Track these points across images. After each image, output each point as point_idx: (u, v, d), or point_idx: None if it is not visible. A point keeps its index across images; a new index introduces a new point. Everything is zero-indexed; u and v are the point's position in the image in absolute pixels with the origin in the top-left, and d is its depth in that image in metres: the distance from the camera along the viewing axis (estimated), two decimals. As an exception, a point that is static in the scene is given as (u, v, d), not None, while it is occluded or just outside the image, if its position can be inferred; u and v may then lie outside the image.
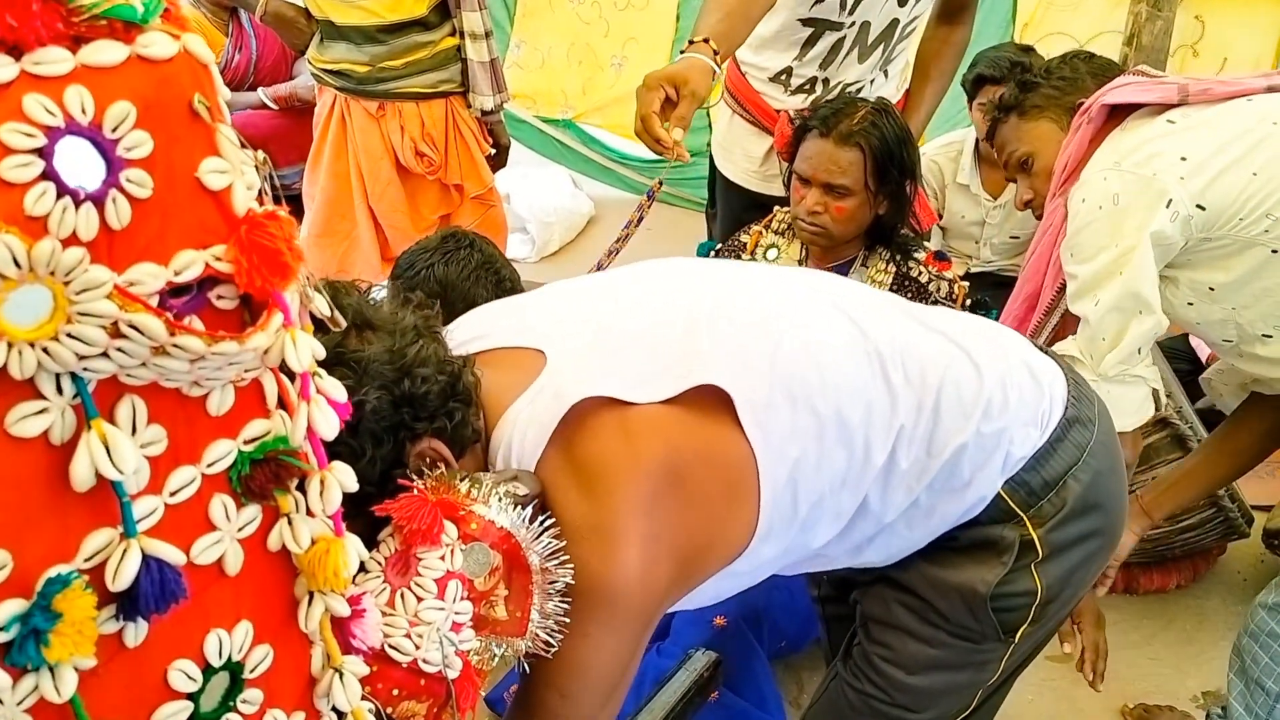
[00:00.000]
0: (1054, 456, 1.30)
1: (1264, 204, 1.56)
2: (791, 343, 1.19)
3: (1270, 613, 1.64)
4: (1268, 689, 1.65)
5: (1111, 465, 1.36)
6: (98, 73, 0.60)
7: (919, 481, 1.24)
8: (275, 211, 0.69)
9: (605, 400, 1.08)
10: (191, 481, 0.70)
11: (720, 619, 2.14)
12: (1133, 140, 1.67)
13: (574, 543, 1.03)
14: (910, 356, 1.25)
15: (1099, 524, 1.34)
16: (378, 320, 1.03)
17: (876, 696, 1.41)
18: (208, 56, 0.66)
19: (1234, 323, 1.67)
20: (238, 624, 0.75)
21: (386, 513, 0.96)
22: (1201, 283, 1.64)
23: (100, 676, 0.67)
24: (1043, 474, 1.29)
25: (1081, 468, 1.31)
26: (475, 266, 2.01)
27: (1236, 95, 1.66)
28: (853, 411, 1.19)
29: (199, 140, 0.65)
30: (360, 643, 0.84)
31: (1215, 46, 4.08)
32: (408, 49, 2.76)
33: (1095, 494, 1.32)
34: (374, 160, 2.87)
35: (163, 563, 0.66)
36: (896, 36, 2.40)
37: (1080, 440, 1.32)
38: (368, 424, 0.97)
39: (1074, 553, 1.33)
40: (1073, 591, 1.37)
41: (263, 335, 0.67)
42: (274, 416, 0.74)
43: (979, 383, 1.26)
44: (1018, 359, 1.34)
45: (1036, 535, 1.29)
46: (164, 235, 0.64)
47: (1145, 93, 1.69)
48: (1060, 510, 1.30)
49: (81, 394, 0.62)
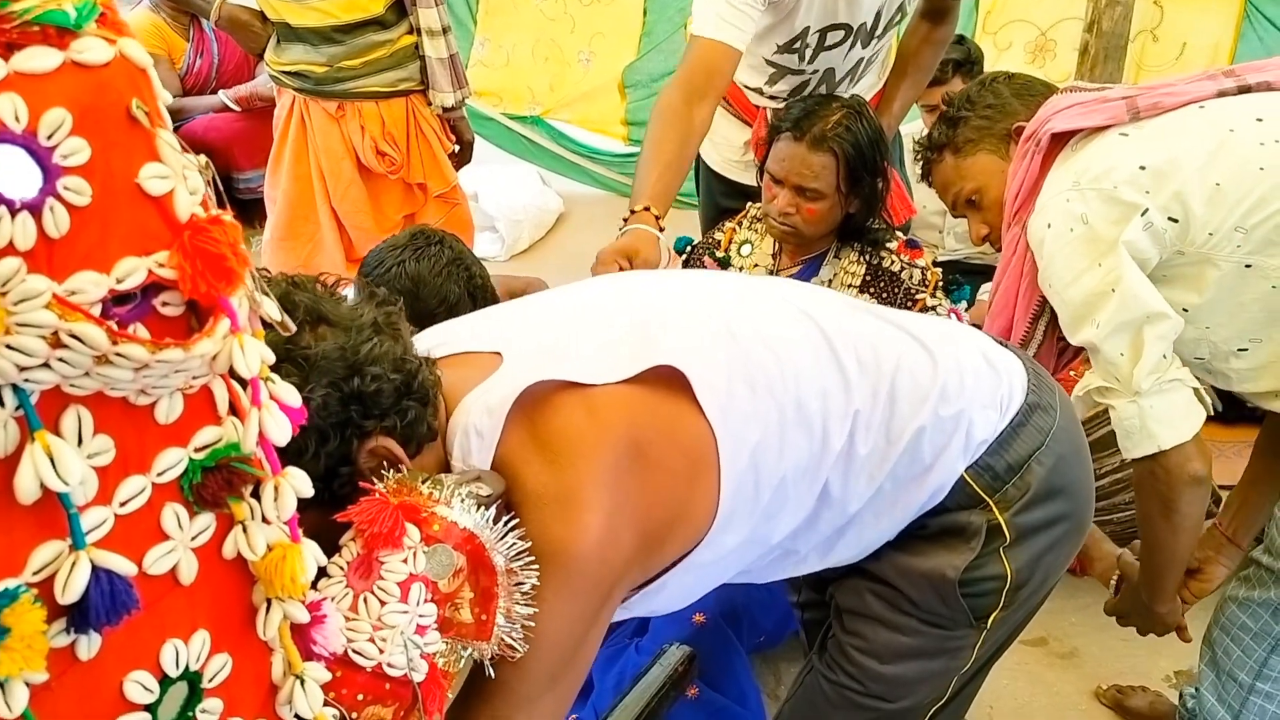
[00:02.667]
0: (1016, 440, 1.31)
1: (1232, 214, 1.50)
2: (747, 333, 1.22)
3: (1241, 606, 1.65)
4: (1240, 680, 1.65)
5: (1074, 450, 1.38)
6: (31, 79, 0.59)
7: (881, 469, 1.25)
8: (219, 216, 0.68)
9: (564, 383, 1.09)
10: (141, 491, 0.69)
11: (699, 616, 2.14)
12: (1085, 159, 1.62)
13: (536, 509, 1.04)
14: (863, 344, 1.27)
15: (1065, 508, 1.35)
16: (334, 316, 1.02)
17: (851, 687, 1.42)
18: (145, 61, 0.65)
19: (1207, 341, 1.63)
20: (194, 633, 0.75)
21: (348, 518, 0.95)
22: (1175, 304, 1.57)
23: (53, 690, 0.66)
24: (1006, 458, 1.30)
25: (1045, 452, 1.32)
26: (446, 263, 2.01)
27: (1187, 103, 1.63)
28: (810, 398, 1.21)
29: (138, 146, 0.64)
30: (322, 648, 0.83)
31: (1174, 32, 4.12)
32: (365, 48, 2.74)
33: (1059, 478, 1.33)
34: (335, 161, 2.85)
35: (113, 574, 0.66)
36: (862, 68, 2.41)
37: (1042, 425, 1.33)
38: (314, 420, 0.94)
39: (1041, 537, 1.34)
40: (1043, 576, 1.38)
41: (209, 341, 0.67)
42: (225, 423, 0.73)
43: (933, 367, 1.28)
44: (973, 347, 1.36)
45: (1003, 519, 1.30)
46: (105, 243, 0.63)
47: (1092, 115, 1.64)
48: (1025, 494, 1.31)
49: (24, 406, 0.61)
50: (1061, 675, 2.31)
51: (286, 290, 1.00)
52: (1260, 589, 1.61)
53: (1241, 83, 1.60)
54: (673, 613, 2.11)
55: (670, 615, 2.07)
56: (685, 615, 2.12)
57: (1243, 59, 4.00)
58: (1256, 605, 1.61)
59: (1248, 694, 1.64)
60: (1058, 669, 2.33)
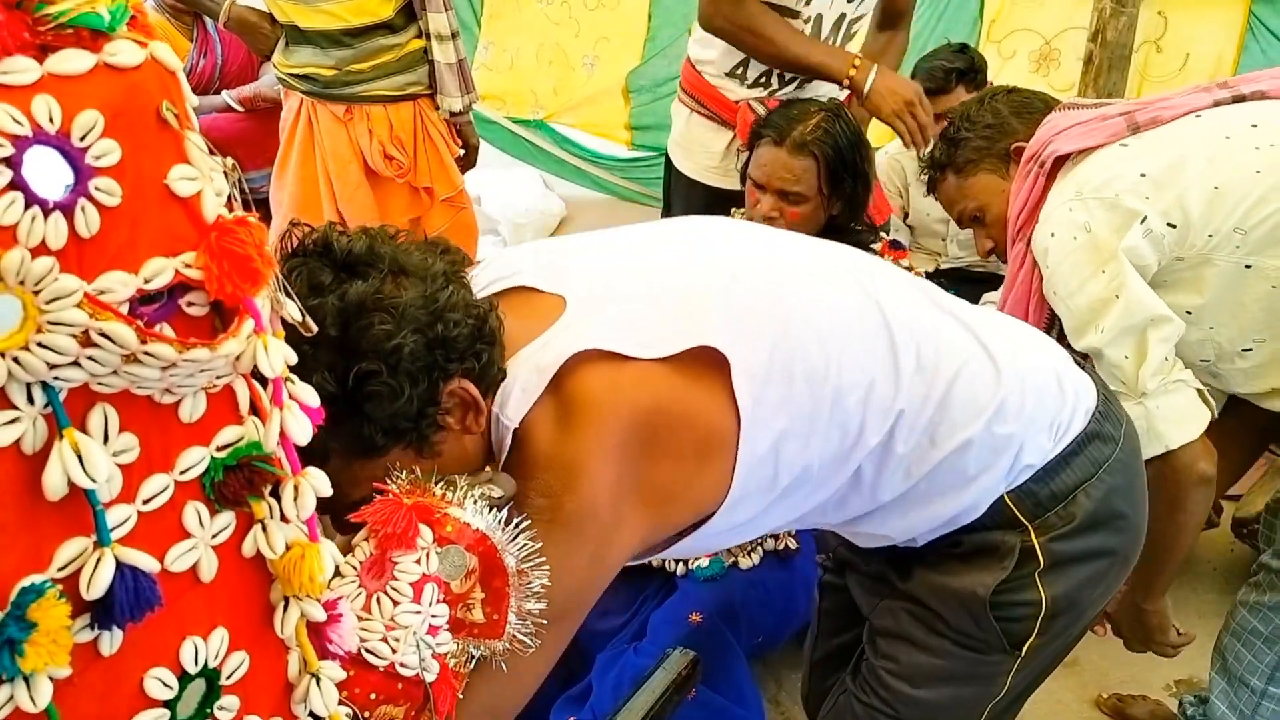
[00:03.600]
0: (1066, 469, 1.29)
1: (1230, 218, 1.54)
2: (801, 319, 1.20)
3: (1252, 610, 1.65)
4: (1252, 686, 1.66)
5: (1129, 483, 1.35)
6: (65, 81, 0.60)
7: (919, 467, 1.25)
8: (245, 217, 0.69)
9: (605, 352, 1.11)
10: (164, 489, 0.69)
11: (696, 616, 2.15)
12: (1087, 170, 1.65)
13: (541, 469, 1.08)
14: (926, 344, 1.25)
15: (1111, 542, 1.33)
16: (411, 267, 1.06)
17: (883, 710, 1.41)
18: (175, 63, 0.66)
19: (1212, 342, 1.66)
20: (213, 631, 0.75)
21: (361, 518, 0.96)
22: (1179, 307, 1.62)
23: (76, 686, 0.67)
24: (1051, 486, 1.29)
25: (1095, 484, 1.30)
26: None
27: (1184, 115, 1.65)
28: (852, 393, 1.20)
29: (167, 147, 0.65)
30: (337, 647, 0.84)
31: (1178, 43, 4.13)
32: (374, 52, 2.75)
33: (1107, 511, 1.31)
34: (342, 164, 2.86)
35: (137, 570, 0.66)
36: (842, 35, 2.44)
37: (1097, 456, 1.31)
38: (405, 365, 1.00)
39: (1083, 568, 1.32)
40: (1081, 609, 1.35)
41: (234, 342, 0.67)
42: (247, 423, 0.74)
43: (995, 381, 1.25)
44: (1048, 365, 1.33)
45: (1038, 543, 1.29)
46: (133, 243, 0.64)
47: (1093, 134, 1.67)
48: (1068, 524, 1.29)
49: (53, 403, 0.62)
50: (1062, 684, 2.31)
51: (370, 244, 1.05)
52: (1271, 593, 1.62)
53: (1236, 93, 1.65)
54: (670, 614, 2.12)
55: (668, 616, 2.08)
56: (683, 616, 2.13)
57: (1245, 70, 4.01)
58: (1267, 609, 1.62)
59: (1260, 699, 1.65)
60: (1058, 677, 2.32)
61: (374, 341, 0.99)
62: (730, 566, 2.15)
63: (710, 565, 2.11)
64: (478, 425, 1.10)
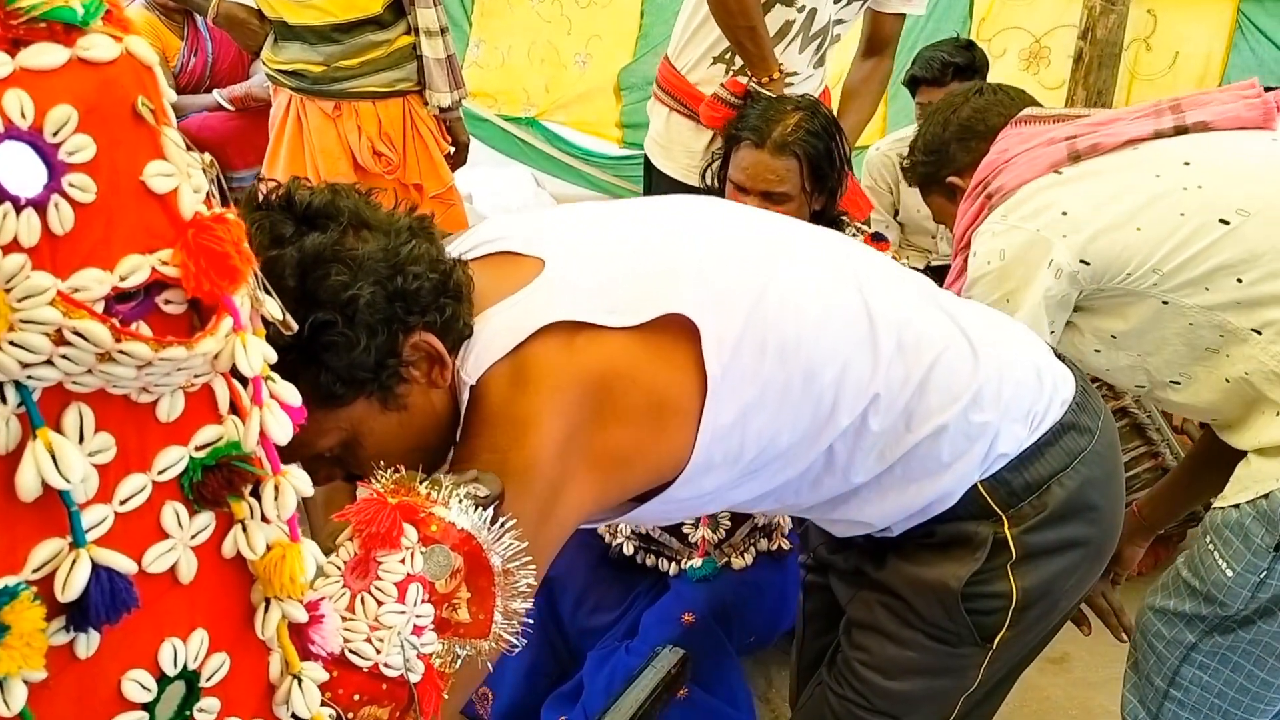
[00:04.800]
0: (1040, 459, 1.29)
1: (1149, 259, 1.56)
2: (778, 293, 1.20)
3: (1157, 614, 1.67)
4: (1156, 685, 1.68)
5: (1106, 475, 1.36)
6: (37, 76, 0.59)
7: (893, 451, 1.25)
8: (224, 214, 0.68)
9: (573, 322, 1.12)
10: (142, 489, 0.69)
11: (689, 616, 2.14)
12: (1019, 194, 1.70)
13: (490, 426, 1.09)
14: (908, 328, 1.25)
15: (1084, 533, 1.33)
16: (374, 221, 1.07)
17: (856, 701, 1.42)
18: (151, 58, 0.65)
19: (1143, 369, 1.69)
20: (193, 632, 0.74)
21: (345, 517, 0.95)
22: (1104, 330, 1.66)
23: (51, 689, 0.66)
24: (1025, 475, 1.29)
25: (1069, 474, 1.30)
26: None
27: (1124, 144, 1.67)
28: (825, 370, 1.20)
29: (143, 143, 0.64)
30: (319, 648, 0.83)
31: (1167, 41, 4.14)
32: (363, 48, 2.74)
33: (1081, 502, 1.31)
34: (331, 161, 2.85)
35: (113, 572, 0.65)
36: (828, 38, 2.46)
37: (1072, 447, 1.31)
38: (362, 316, 1.02)
39: (1055, 560, 1.32)
40: (1054, 601, 1.36)
41: (212, 340, 0.67)
42: (226, 422, 0.73)
43: (974, 368, 1.26)
44: (1026, 357, 1.34)
45: (1011, 535, 1.29)
46: (109, 240, 0.63)
47: (1036, 163, 1.70)
48: (1040, 514, 1.29)
49: (26, 402, 0.61)
50: (1052, 680, 2.31)
51: (331, 198, 1.06)
52: (1176, 599, 1.63)
53: (1180, 122, 1.66)
54: (663, 613, 2.12)
55: (660, 616, 2.08)
56: (675, 616, 2.13)
57: (1234, 69, 4.02)
58: (1172, 614, 1.64)
59: (1163, 699, 1.67)
60: (1048, 674, 2.33)
61: (330, 292, 1.01)
62: (723, 567, 2.15)
63: (703, 566, 2.11)
64: (443, 379, 1.11)
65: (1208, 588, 1.56)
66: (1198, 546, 1.61)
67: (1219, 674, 1.60)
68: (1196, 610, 1.59)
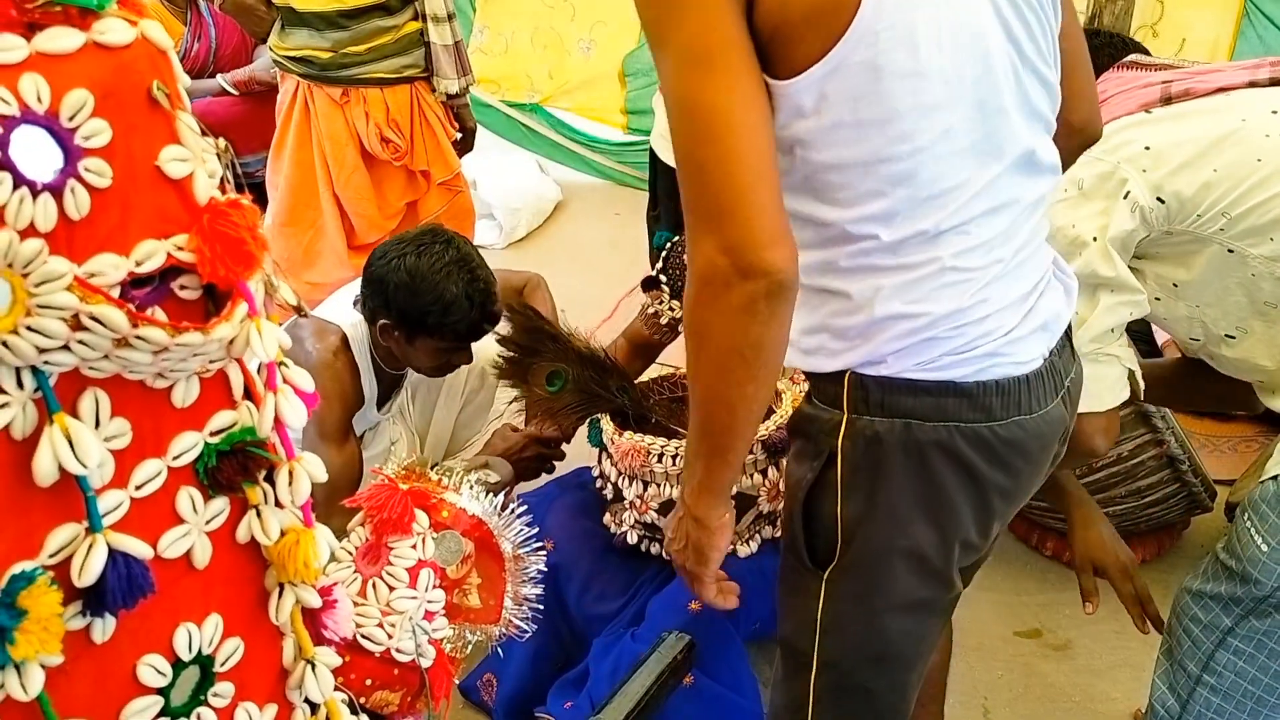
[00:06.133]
0: (913, 396, 1.18)
1: (1220, 202, 1.56)
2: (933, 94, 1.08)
3: (1194, 598, 1.66)
4: (1189, 671, 1.67)
5: (971, 461, 1.21)
6: (53, 60, 0.59)
7: (854, 262, 1.14)
8: (238, 200, 0.68)
9: None
10: (157, 474, 0.69)
11: (695, 604, 2.15)
12: (1108, 128, 1.68)
13: None
14: (1003, 210, 1.15)
15: (921, 495, 1.20)
16: None
17: None
18: (166, 42, 0.65)
19: (1199, 321, 1.68)
20: (207, 617, 0.75)
21: (357, 503, 0.96)
22: (1166, 278, 1.65)
23: (68, 673, 0.66)
24: (889, 398, 1.18)
25: (929, 428, 1.18)
26: (448, 261, 2.00)
27: (1216, 90, 1.66)
28: (889, 165, 1.08)
29: (158, 128, 0.64)
30: (332, 634, 0.83)
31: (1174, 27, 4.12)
32: (370, 34, 2.73)
33: (922, 458, 1.19)
34: (339, 147, 2.85)
35: (129, 557, 0.66)
36: None
37: (952, 410, 1.18)
38: None
39: (884, 503, 1.21)
40: (885, 559, 1.23)
41: (227, 326, 0.67)
42: (240, 408, 0.73)
43: (977, 288, 1.16)
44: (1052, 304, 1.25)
45: (842, 445, 1.19)
46: (125, 225, 0.63)
47: (1129, 101, 1.69)
48: (876, 439, 1.18)
49: (43, 388, 0.61)
50: (1056, 667, 2.32)
51: None
52: (1213, 583, 1.63)
53: (1277, 74, 1.64)
54: (669, 601, 2.12)
55: (666, 604, 2.08)
56: (682, 603, 2.13)
57: (1241, 56, 4.00)
58: (1209, 598, 1.64)
59: (1195, 684, 1.66)
60: (1052, 660, 2.34)
61: None
62: (729, 555, 2.15)
63: (709, 553, 2.11)
64: None
65: (1243, 565, 1.55)
66: (1236, 526, 1.61)
67: (1254, 660, 1.59)
68: (1232, 592, 1.58)
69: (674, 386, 2.24)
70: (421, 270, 1.98)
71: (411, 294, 1.98)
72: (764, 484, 1.98)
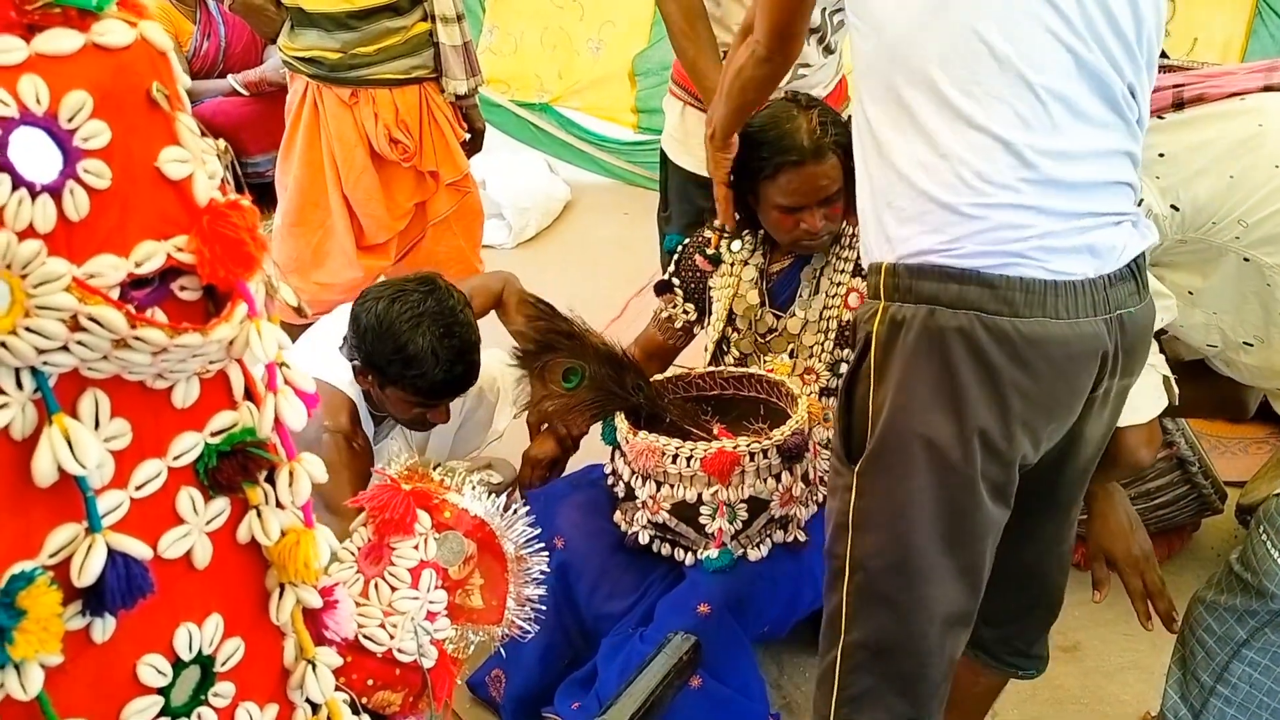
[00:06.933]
0: (946, 281, 1.23)
1: (1236, 209, 1.53)
2: None
3: (1208, 609, 1.65)
4: (1202, 682, 1.66)
5: (991, 355, 1.25)
6: (53, 61, 0.59)
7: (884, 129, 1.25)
8: (238, 201, 0.68)
9: None
10: (157, 475, 0.69)
11: (704, 606, 2.14)
12: None
13: None
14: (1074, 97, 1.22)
15: (940, 384, 1.24)
16: None
17: None
18: (165, 44, 0.65)
19: (1217, 328, 1.66)
20: (208, 617, 0.75)
21: (359, 504, 0.96)
22: (1182, 286, 1.62)
23: (68, 673, 0.67)
24: (919, 285, 1.24)
25: (950, 314, 1.23)
26: (422, 313, 1.94)
27: (1230, 95, 1.64)
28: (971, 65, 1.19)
29: (158, 129, 0.64)
30: (333, 634, 0.83)
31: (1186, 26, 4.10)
32: (379, 35, 2.73)
33: (944, 345, 1.24)
34: (348, 148, 2.85)
35: (129, 557, 0.66)
36: (829, 27, 2.43)
37: (974, 298, 1.23)
38: None
39: (903, 387, 1.25)
40: (906, 428, 1.27)
41: (227, 326, 0.67)
42: (241, 408, 0.74)
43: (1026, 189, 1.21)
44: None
45: (878, 330, 1.26)
46: (124, 226, 0.63)
47: None
48: (905, 325, 1.24)
49: (42, 388, 0.62)
50: (1064, 669, 2.31)
51: None
52: (1228, 594, 1.62)
53: None
54: (678, 603, 2.12)
55: (675, 605, 2.08)
56: (691, 606, 2.12)
57: (1253, 55, 3.98)
58: (1223, 609, 1.63)
59: (1209, 695, 1.65)
60: (1060, 662, 2.33)
61: None
62: (739, 559, 2.14)
63: (720, 556, 2.10)
64: None
65: (1259, 579, 1.54)
66: (1251, 539, 1.60)
67: (1270, 671, 1.58)
68: (1247, 605, 1.57)
69: (688, 386, 2.23)
70: (390, 317, 1.92)
71: (377, 339, 1.93)
72: (777, 489, 1.97)
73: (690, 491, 1.96)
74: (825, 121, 2.09)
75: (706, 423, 2.17)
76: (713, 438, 2.07)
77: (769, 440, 1.91)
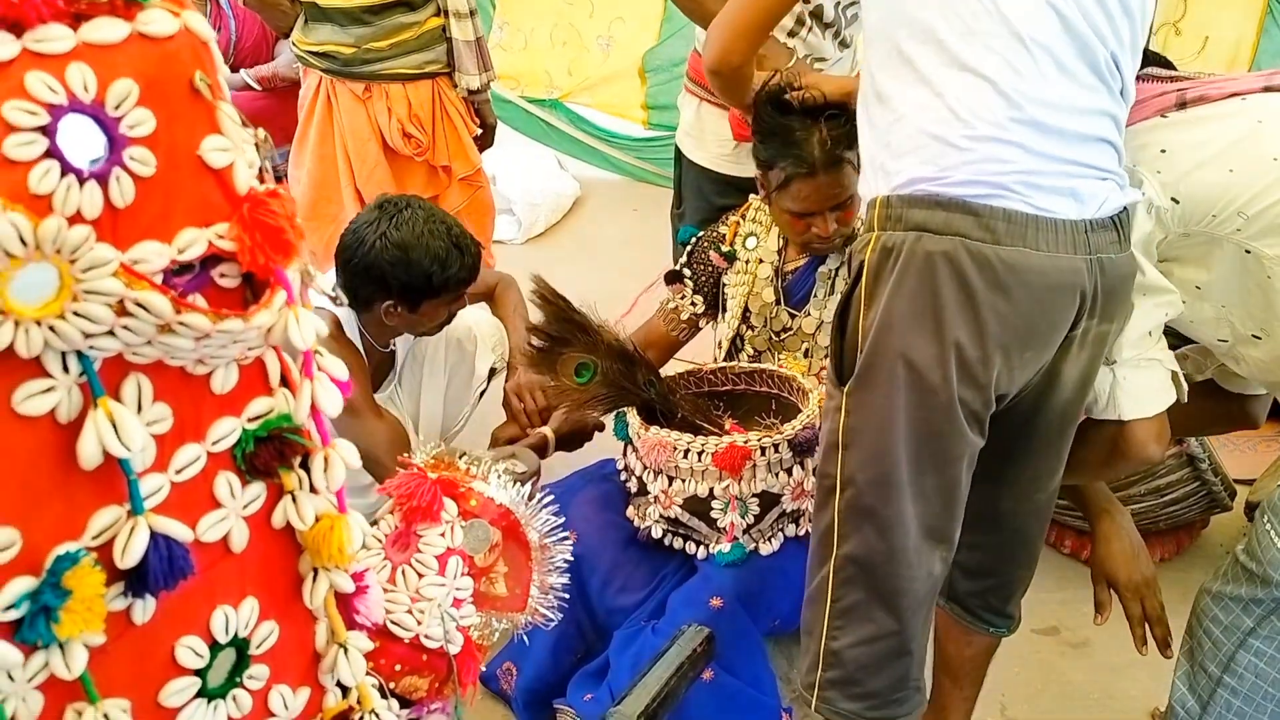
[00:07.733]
0: (934, 209, 1.31)
1: (1236, 201, 1.55)
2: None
3: (1214, 599, 1.66)
4: (1210, 672, 1.67)
5: (971, 281, 1.32)
6: (99, 50, 0.60)
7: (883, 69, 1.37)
8: (277, 190, 0.69)
9: None
10: (197, 459, 0.70)
11: (716, 600, 2.15)
12: (1125, 133, 1.67)
13: None
14: None
15: (921, 306, 1.32)
16: None
17: None
18: (208, 34, 0.66)
19: (1226, 321, 1.67)
20: (244, 600, 0.76)
21: (386, 492, 0.97)
22: (1189, 281, 1.63)
23: (109, 653, 0.68)
24: (910, 213, 1.32)
25: (930, 238, 1.31)
26: (423, 222, 2.05)
27: (1231, 95, 1.65)
28: None
29: (200, 118, 0.65)
30: (364, 618, 0.84)
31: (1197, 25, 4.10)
32: (393, 30, 2.74)
33: (929, 270, 1.31)
34: (361, 142, 2.86)
35: (170, 539, 0.67)
36: (843, 21, 2.44)
37: (961, 227, 1.30)
38: None
39: (887, 310, 1.32)
40: (889, 347, 1.34)
41: (266, 313, 0.68)
42: (277, 394, 0.74)
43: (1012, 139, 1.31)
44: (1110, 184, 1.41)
45: (868, 258, 1.33)
46: (167, 213, 0.64)
47: (1144, 109, 1.69)
48: (893, 252, 1.32)
49: (88, 372, 0.63)
50: (1073, 664, 2.31)
51: None
52: (1234, 584, 1.63)
53: None
54: (690, 596, 2.13)
55: (687, 599, 2.08)
56: (703, 599, 2.13)
57: (1264, 54, 3.98)
58: (1229, 599, 1.64)
59: (1216, 686, 1.66)
60: (1069, 658, 2.34)
61: None
62: (751, 553, 2.15)
63: (732, 551, 2.11)
64: None
65: (1264, 569, 1.55)
66: (1256, 528, 1.61)
67: (1276, 661, 1.58)
68: (1253, 594, 1.58)
69: (700, 382, 2.23)
70: (408, 241, 2.02)
71: (408, 266, 2.02)
72: (789, 482, 1.98)
73: (702, 486, 1.96)
74: (832, 135, 2.09)
75: (718, 418, 2.17)
76: (724, 433, 2.07)
77: (780, 435, 1.92)
